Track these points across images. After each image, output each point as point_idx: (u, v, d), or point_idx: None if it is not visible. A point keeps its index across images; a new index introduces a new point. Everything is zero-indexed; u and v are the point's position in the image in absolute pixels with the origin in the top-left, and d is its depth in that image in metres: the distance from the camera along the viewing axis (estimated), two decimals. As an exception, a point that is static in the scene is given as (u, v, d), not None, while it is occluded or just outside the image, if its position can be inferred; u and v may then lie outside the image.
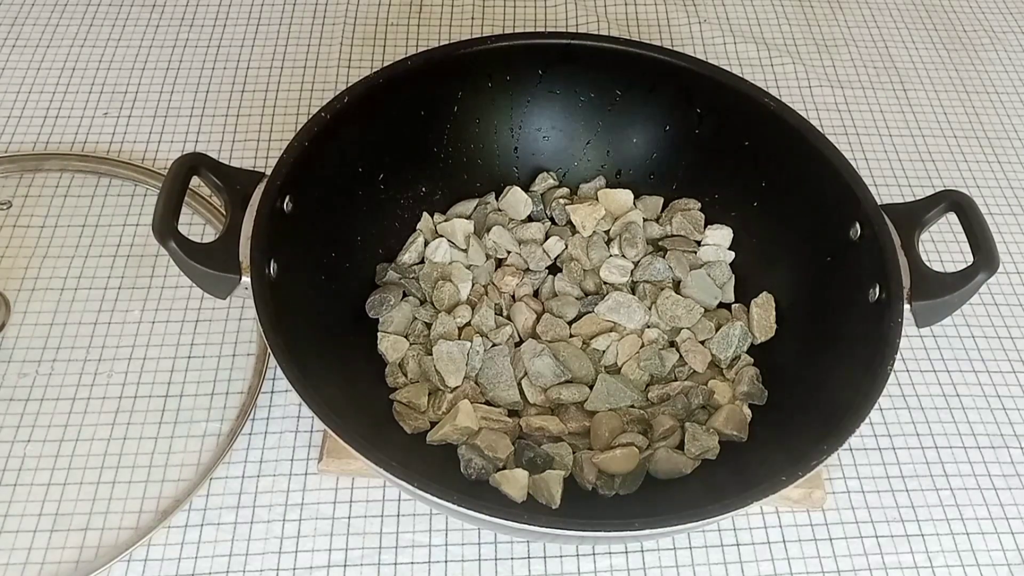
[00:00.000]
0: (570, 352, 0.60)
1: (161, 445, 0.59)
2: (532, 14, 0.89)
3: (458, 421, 0.55)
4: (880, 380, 0.48)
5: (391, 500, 0.58)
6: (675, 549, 0.56)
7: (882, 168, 0.79)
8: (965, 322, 0.69)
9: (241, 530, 0.56)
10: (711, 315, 0.63)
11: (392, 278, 0.63)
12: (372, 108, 0.60)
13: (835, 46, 0.90)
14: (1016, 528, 0.59)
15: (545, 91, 0.66)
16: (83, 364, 0.62)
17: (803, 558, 0.56)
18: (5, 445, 0.58)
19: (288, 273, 0.53)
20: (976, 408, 0.64)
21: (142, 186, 0.72)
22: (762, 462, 0.54)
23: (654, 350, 0.61)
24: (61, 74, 0.81)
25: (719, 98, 0.63)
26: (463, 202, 0.68)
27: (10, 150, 0.74)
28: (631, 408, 0.59)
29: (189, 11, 0.88)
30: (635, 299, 0.62)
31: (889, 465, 0.61)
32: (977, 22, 0.93)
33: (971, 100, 0.85)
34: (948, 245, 0.73)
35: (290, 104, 0.80)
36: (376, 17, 0.88)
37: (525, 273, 0.65)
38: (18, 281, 0.66)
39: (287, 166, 0.54)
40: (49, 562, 0.54)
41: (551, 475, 0.54)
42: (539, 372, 0.59)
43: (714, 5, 0.92)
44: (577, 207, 0.67)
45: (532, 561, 0.56)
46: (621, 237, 0.66)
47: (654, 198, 0.68)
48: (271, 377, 0.62)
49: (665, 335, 0.62)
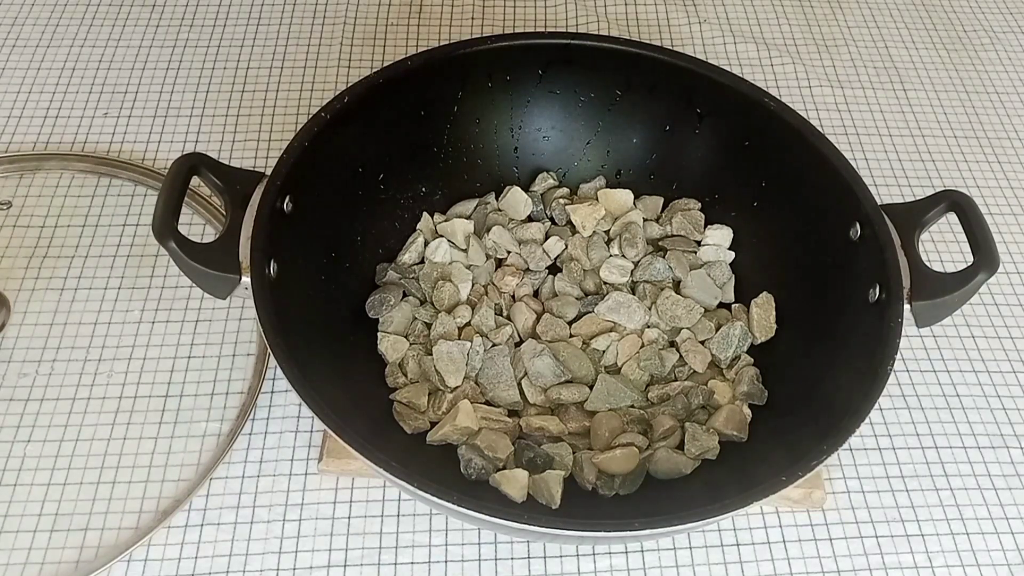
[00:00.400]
0: (570, 352, 0.60)
1: (161, 445, 0.59)
2: (532, 14, 0.89)
3: (458, 421, 0.55)
4: (880, 380, 0.48)
5: (391, 500, 0.58)
6: (675, 549, 0.56)
7: (882, 168, 0.79)
8: (965, 322, 0.69)
9: (241, 530, 0.56)
10: (711, 315, 0.63)
11: (392, 278, 0.63)
12: (372, 108, 0.60)
13: (835, 46, 0.90)
14: (1016, 528, 0.59)
15: (545, 91, 0.66)
16: (83, 364, 0.62)
17: (803, 558, 0.56)
18: (5, 445, 0.58)
19: (288, 273, 0.53)
20: (976, 408, 0.64)
21: (142, 186, 0.72)
22: (762, 462, 0.54)
23: (654, 350, 0.61)
24: (61, 74, 0.81)
25: (719, 98, 0.63)
26: (463, 202, 0.68)
27: (10, 150, 0.74)
28: (631, 408, 0.59)
29: (189, 11, 0.88)
30: (635, 299, 0.62)
31: (889, 465, 0.61)
32: (977, 22, 0.93)
33: (971, 100, 0.85)
34: (948, 245, 0.73)
35: (290, 104, 0.80)
36: (376, 17, 0.88)
37: (525, 273, 0.65)
38: (18, 281, 0.66)
39: (287, 166, 0.54)
40: (49, 562, 0.54)
41: (551, 475, 0.54)
42: (539, 372, 0.59)
43: (714, 5, 0.92)
44: (577, 207, 0.67)
45: (532, 561, 0.56)
46: (621, 237, 0.66)
47: (654, 198, 0.68)
48: (271, 377, 0.62)
49: (665, 335, 0.62)
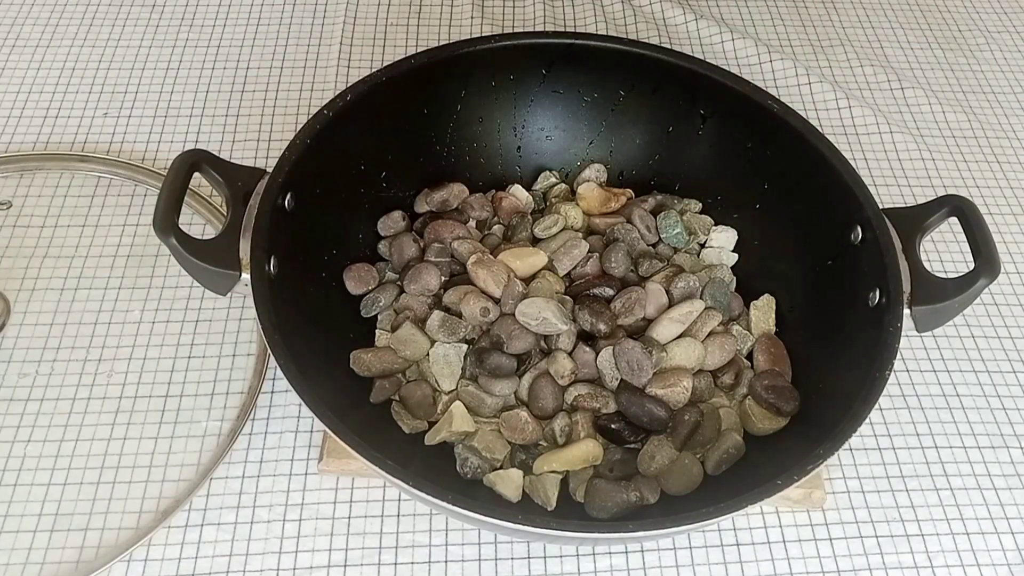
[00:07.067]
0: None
1: (161, 445, 0.58)
2: (531, 13, 0.89)
3: (454, 426, 0.55)
4: (878, 385, 0.48)
5: (391, 500, 0.57)
6: (675, 549, 0.56)
7: (881, 168, 0.79)
8: (965, 323, 0.69)
9: (241, 530, 0.56)
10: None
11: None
12: (375, 106, 0.60)
13: (830, 46, 0.90)
14: (1016, 528, 0.59)
15: (548, 91, 0.67)
16: (83, 364, 0.62)
17: (803, 558, 0.56)
18: (5, 445, 0.58)
19: (288, 270, 0.53)
20: (976, 408, 0.64)
21: (142, 186, 0.72)
22: (760, 464, 0.54)
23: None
24: (61, 74, 0.81)
25: (723, 100, 0.63)
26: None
27: (10, 150, 0.74)
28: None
29: (189, 11, 0.88)
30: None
31: (889, 465, 0.61)
32: (972, 21, 0.93)
33: (968, 100, 0.85)
34: (949, 246, 0.73)
35: (290, 104, 0.80)
36: (376, 17, 0.88)
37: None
38: (18, 281, 0.66)
39: (289, 163, 0.54)
40: (49, 562, 0.54)
41: (548, 477, 0.54)
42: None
43: (708, 6, 0.92)
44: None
45: (532, 561, 0.56)
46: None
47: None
48: (271, 377, 0.62)
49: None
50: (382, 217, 0.64)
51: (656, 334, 0.58)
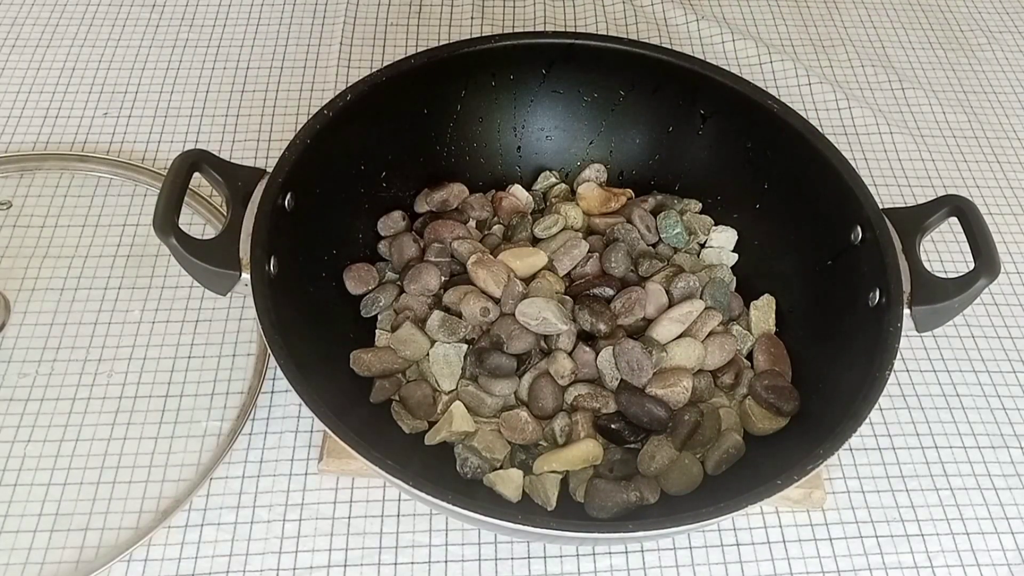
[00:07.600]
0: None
1: (161, 445, 0.58)
2: (531, 13, 0.89)
3: (454, 426, 0.55)
4: (878, 385, 0.48)
5: (391, 500, 0.57)
6: (675, 549, 0.56)
7: (881, 167, 0.79)
8: (965, 323, 0.69)
9: (241, 530, 0.56)
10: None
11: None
12: (375, 106, 0.60)
13: (832, 46, 0.90)
14: (1016, 528, 0.59)
15: (549, 91, 0.67)
16: (83, 364, 0.62)
17: (803, 558, 0.56)
18: (5, 445, 0.58)
19: (288, 270, 0.53)
20: (976, 408, 0.64)
21: (142, 186, 0.72)
22: (760, 464, 0.54)
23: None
24: (61, 74, 0.81)
25: (723, 100, 0.63)
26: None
27: (10, 150, 0.74)
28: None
29: (189, 11, 0.88)
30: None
31: (889, 465, 0.61)
32: (973, 21, 0.93)
33: (969, 100, 0.85)
34: (949, 246, 0.73)
35: (290, 104, 0.80)
36: (376, 17, 0.88)
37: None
38: (18, 281, 0.66)
39: (289, 163, 0.54)
40: (49, 562, 0.54)
41: (548, 476, 0.54)
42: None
43: (711, 5, 0.92)
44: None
45: (532, 561, 0.56)
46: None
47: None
48: (271, 377, 0.62)
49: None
50: (382, 217, 0.64)
51: (656, 334, 0.58)
